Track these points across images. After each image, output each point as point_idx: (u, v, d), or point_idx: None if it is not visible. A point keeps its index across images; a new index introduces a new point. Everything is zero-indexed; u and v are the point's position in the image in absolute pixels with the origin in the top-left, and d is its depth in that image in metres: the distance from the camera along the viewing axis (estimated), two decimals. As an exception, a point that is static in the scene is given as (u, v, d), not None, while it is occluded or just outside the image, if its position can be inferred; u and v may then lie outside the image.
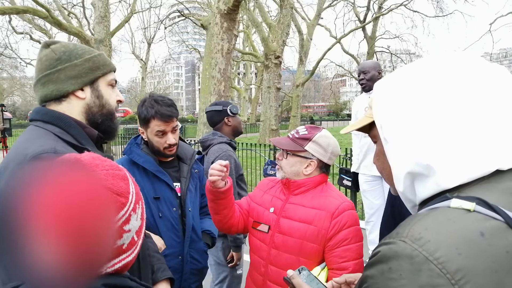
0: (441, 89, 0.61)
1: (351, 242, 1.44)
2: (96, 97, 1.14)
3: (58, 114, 1.08)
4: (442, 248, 0.51)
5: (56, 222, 0.64)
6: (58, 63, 1.08)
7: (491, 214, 0.53)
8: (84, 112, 1.13)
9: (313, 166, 1.54)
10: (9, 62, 32.53)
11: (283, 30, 14.24)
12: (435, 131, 0.60)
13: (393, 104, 0.67)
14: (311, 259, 1.46)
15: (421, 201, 0.66)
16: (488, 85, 0.61)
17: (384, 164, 0.73)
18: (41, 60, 1.10)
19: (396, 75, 0.70)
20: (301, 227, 1.48)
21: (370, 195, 3.77)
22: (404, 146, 0.64)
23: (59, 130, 1.06)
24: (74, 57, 1.10)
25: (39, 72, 1.10)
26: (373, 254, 0.59)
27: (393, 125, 0.66)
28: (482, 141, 0.58)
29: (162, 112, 1.76)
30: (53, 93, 1.09)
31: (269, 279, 1.54)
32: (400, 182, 0.67)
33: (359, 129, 0.78)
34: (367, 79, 3.55)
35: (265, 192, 1.67)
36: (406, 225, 0.57)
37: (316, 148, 1.53)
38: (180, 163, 1.97)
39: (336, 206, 1.48)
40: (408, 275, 0.51)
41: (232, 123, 2.54)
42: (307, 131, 1.55)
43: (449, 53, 0.67)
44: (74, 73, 1.09)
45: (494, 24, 21.83)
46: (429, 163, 0.61)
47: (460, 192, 0.59)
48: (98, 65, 1.14)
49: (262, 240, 1.57)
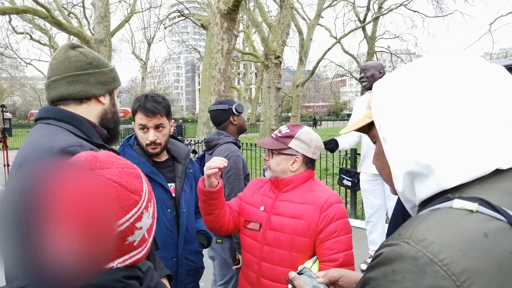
0: (440, 88, 0.61)
1: (341, 234, 1.50)
2: (112, 104, 1.25)
3: (70, 113, 1.14)
4: (446, 250, 0.50)
5: (70, 217, 0.66)
6: (90, 67, 1.16)
7: (494, 214, 0.52)
8: (99, 116, 1.21)
9: (299, 162, 1.59)
10: (9, 62, 32.54)
11: (283, 30, 14.23)
12: (434, 131, 0.60)
13: (392, 103, 0.66)
14: (302, 253, 1.51)
15: (420, 202, 0.66)
16: (487, 85, 0.60)
17: (384, 164, 0.72)
18: (70, 59, 1.14)
19: (395, 75, 0.69)
20: (292, 222, 1.53)
21: (370, 195, 3.77)
22: (403, 145, 0.64)
23: (72, 128, 1.11)
24: (102, 65, 1.20)
25: (67, 70, 1.13)
26: (375, 256, 0.58)
27: (392, 124, 0.66)
28: (482, 140, 0.58)
29: (146, 106, 1.77)
30: (80, 93, 1.15)
31: (262, 276, 1.57)
32: (399, 182, 0.67)
33: (358, 129, 0.78)
34: (367, 77, 3.57)
35: (255, 192, 1.71)
36: (408, 227, 0.56)
37: (299, 144, 1.58)
38: (174, 163, 1.95)
39: (324, 200, 1.53)
40: (412, 277, 0.51)
41: (237, 122, 2.51)
42: (289, 129, 1.62)
43: (448, 53, 0.67)
44: (103, 80, 1.19)
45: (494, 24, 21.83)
46: (428, 162, 0.60)
47: (462, 192, 0.58)
48: (116, 77, 1.27)
49: (254, 238, 1.61)
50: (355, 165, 5.37)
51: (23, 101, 48.32)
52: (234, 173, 2.26)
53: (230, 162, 2.26)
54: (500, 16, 20.31)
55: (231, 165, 2.26)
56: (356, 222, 5.34)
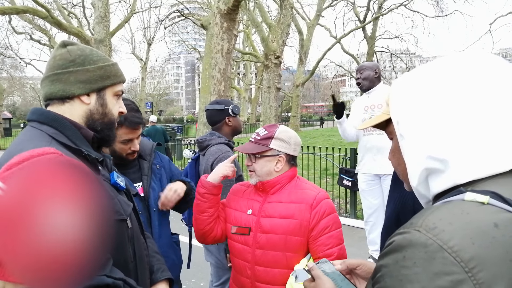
0: (459, 86, 0.63)
1: (332, 229, 1.52)
2: (100, 105, 1.15)
3: (54, 115, 1.08)
4: (456, 238, 0.52)
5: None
6: (71, 65, 1.10)
7: (505, 207, 0.54)
8: (85, 116, 1.13)
9: (282, 161, 1.60)
10: (9, 62, 32.54)
11: (283, 30, 14.24)
12: (452, 127, 0.61)
13: (410, 100, 0.68)
14: (297, 252, 1.51)
15: (434, 196, 0.68)
16: (505, 84, 0.62)
17: (400, 160, 0.74)
18: (55, 58, 1.11)
19: (414, 73, 0.71)
20: (283, 222, 1.52)
21: (368, 195, 3.78)
22: (421, 141, 0.65)
23: (53, 131, 1.06)
24: (88, 63, 1.11)
25: (50, 69, 1.11)
26: (387, 244, 0.60)
27: (410, 121, 0.67)
28: (499, 138, 0.59)
29: (131, 119, 1.68)
30: (59, 92, 1.10)
31: (257, 280, 1.56)
32: (415, 177, 0.69)
33: (375, 125, 0.80)
34: (362, 78, 3.59)
35: (239, 197, 1.69)
36: (420, 216, 0.58)
37: (280, 143, 1.59)
38: (140, 161, 1.88)
39: (313, 197, 1.54)
40: (422, 263, 0.52)
41: (232, 123, 2.47)
42: (266, 130, 1.62)
43: (467, 51, 0.69)
44: (84, 78, 1.11)
45: (494, 24, 21.88)
46: (445, 157, 0.62)
47: (474, 186, 0.60)
48: (109, 74, 1.15)
49: (244, 243, 1.59)
50: (355, 165, 5.38)
51: (23, 101, 48.31)
52: None
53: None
54: (500, 16, 20.35)
55: None
56: (356, 222, 5.35)
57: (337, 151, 6.56)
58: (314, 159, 7.24)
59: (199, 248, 2.64)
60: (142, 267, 1.18)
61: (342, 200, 6.21)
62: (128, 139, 1.72)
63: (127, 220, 1.12)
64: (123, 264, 1.04)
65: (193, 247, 2.44)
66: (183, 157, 10.26)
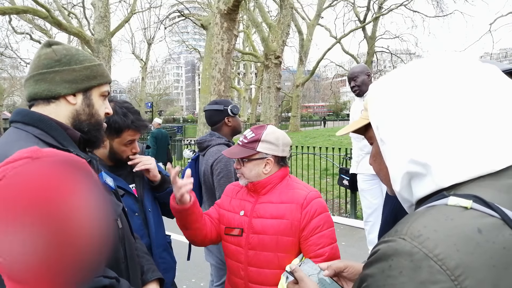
0: (437, 88, 0.62)
1: (324, 228, 1.50)
2: (86, 105, 1.13)
3: (39, 116, 1.06)
4: (441, 245, 0.51)
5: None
6: (57, 64, 1.08)
7: (488, 211, 0.54)
8: (71, 117, 1.11)
9: (271, 164, 1.58)
10: (9, 62, 32.53)
11: (283, 30, 14.25)
12: (432, 130, 0.61)
13: (389, 104, 0.67)
14: (288, 252, 1.51)
15: (417, 200, 0.67)
16: (482, 85, 0.61)
17: (381, 165, 0.73)
18: (40, 57, 1.08)
19: (391, 76, 0.70)
20: (274, 223, 1.52)
21: (368, 195, 3.78)
22: (401, 145, 0.64)
23: (39, 132, 1.04)
24: (74, 62, 1.10)
25: (35, 69, 1.08)
26: (372, 253, 0.59)
27: (389, 125, 0.66)
28: (479, 140, 0.59)
29: (139, 124, 1.72)
30: (44, 92, 1.07)
31: (250, 281, 1.56)
32: (397, 182, 0.68)
33: (355, 131, 0.79)
34: (358, 85, 3.54)
35: (232, 198, 1.69)
36: (404, 223, 0.58)
37: (267, 146, 1.56)
38: None
39: (303, 197, 1.53)
40: (408, 272, 0.52)
41: (232, 123, 2.47)
42: (253, 133, 1.59)
43: (444, 54, 0.68)
44: (70, 78, 1.08)
45: (494, 24, 21.86)
46: (427, 161, 0.61)
47: (457, 190, 0.59)
48: (95, 74, 1.13)
49: (237, 244, 1.59)
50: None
51: (23, 101, 48.25)
52: (224, 175, 2.23)
53: (221, 165, 2.23)
54: (500, 16, 20.36)
55: (222, 167, 2.23)
56: (356, 222, 5.35)
57: (337, 151, 6.57)
58: (314, 159, 7.24)
59: (199, 248, 2.63)
60: (133, 267, 1.17)
61: (342, 200, 6.22)
62: (131, 141, 1.75)
63: (117, 220, 1.12)
64: (114, 265, 1.04)
65: (193, 247, 2.44)
66: (183, 157, 10.26)
